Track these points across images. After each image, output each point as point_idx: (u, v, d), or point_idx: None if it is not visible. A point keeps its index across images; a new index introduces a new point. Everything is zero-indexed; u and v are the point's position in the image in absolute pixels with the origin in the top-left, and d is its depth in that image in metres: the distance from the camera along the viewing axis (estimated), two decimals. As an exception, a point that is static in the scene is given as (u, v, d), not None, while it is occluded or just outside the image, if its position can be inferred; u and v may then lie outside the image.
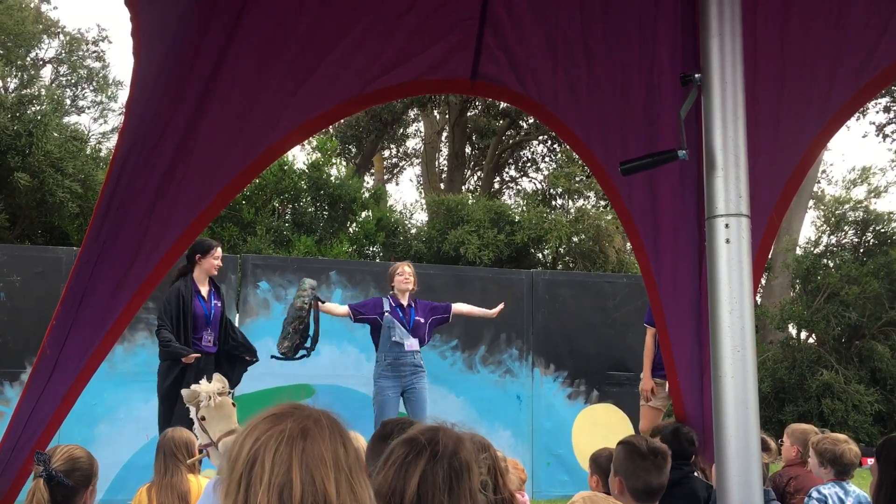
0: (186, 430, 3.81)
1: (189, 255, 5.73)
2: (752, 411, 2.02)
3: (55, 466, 2.57)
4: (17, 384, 6.43)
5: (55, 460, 2.59)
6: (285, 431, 1.17)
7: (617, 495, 2.84)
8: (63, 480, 2.55)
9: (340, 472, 1.16)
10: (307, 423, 1.19)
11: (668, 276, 3.68)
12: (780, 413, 13.62)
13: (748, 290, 2.07)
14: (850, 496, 3.83)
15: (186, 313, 5.63)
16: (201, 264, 5.74)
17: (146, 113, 2.67)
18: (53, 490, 2.53)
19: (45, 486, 2.52)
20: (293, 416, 1.20)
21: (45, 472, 2.53)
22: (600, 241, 14.44)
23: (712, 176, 2.12)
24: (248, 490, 1.13)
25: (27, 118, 12.35)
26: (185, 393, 2.53)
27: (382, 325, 6.12)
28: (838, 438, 4.04)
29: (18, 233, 12.51)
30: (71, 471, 2.60)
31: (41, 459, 2.55)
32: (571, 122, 3.49)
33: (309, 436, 1.17)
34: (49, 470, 2.54)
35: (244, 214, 12.23)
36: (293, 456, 1.14)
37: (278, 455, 1.14)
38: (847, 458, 3.91)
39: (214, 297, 5.88)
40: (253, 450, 1.16)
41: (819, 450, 4.00)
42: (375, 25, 3.02)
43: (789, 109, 3.23)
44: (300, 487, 1.12)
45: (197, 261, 5.74)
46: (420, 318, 6.32)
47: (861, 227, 15.80)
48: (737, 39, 2.16)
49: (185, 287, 5.66)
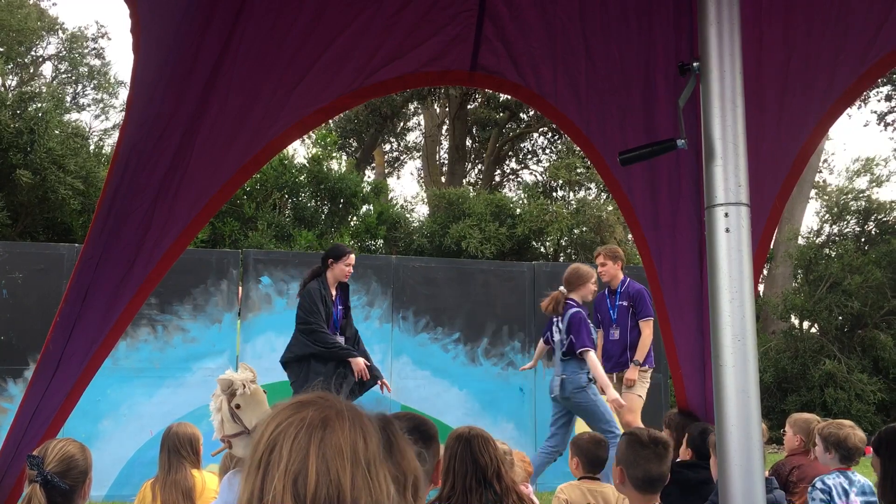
0: (191, 425, 3.81)
1: (322, 258, 5.84)
2: (753, 400, 2.01)
3: (50, 469, 2.46)
4: (20, 381, 6.45)
5: (49, 462, 2.49)
6: (306, 419, 1.16)
7: (618, 485, 2.85)
8: (60, 484, 2.45)
9: (357, 466, 1.15)
10: (329, 413, 1.18)
11: (669, 266, 3.68)
12: (782, 403, 13.62)
13: (748, 279, 2.06)
14: (855, 486, 3.80)
15: (328, 315, 5.71)
16: (333, 269, 5.81)
17: (148, 110, 2.67)
18: (51, 493, 2.43)
19: (42, 492, 2.41)
20: (316, 405, 1.19)
21: (41, 477, 2.42)
22: (601, 233, 14.43)
23: (711, 165, 2.12)
24: (265, 474, 1.13)
25: (28, 115, 12.35)
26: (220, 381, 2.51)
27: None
28: (843, 423, 4.02)
29: (20, 230, 12.52)
30: (66, 471, 2.50)
31: (35, 463, 2.44)
32: (571, 113, 3.49)
33: (329, 426, 1.16)
34: (44, 474, 2.43)
35: (245, 209, 12.24)
36: (311, 444, 1.14)
37: (296, 442, 1.14)
38: (851, 441, 3.88)
39: (339, 302, 5.96)
40: (273, 435, 1.16)
41: (823, 434, 3.99)
42: (374, 19, 3.02)
43: (791, 97, 3.22)
44: (315, 477, 1.11)
45: (329, 265, 5.80)
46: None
47: (863, 217, 15.78)
48: (735, 27, 2.15)
49: (323, 288, 5.72)
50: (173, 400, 6.67)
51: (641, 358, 6.40)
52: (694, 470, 3.53)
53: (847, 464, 3.90)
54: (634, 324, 6.52)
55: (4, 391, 6.51)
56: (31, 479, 2.45)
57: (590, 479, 3.58)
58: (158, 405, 6.63)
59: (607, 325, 6.66)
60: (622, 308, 6.59)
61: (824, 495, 3.74)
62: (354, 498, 1.13)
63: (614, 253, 6.71)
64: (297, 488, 1.11)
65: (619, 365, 6.53)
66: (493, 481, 2.73)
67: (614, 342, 6.60)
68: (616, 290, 6.65)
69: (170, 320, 6.86)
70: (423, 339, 7.52)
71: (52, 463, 2.49)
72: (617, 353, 6.57)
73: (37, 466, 2.45)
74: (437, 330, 7.53)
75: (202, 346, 6.90)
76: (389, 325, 7.59)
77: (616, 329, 6.58)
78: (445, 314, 7.61)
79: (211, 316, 6.95)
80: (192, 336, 6.90)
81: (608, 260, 6.64)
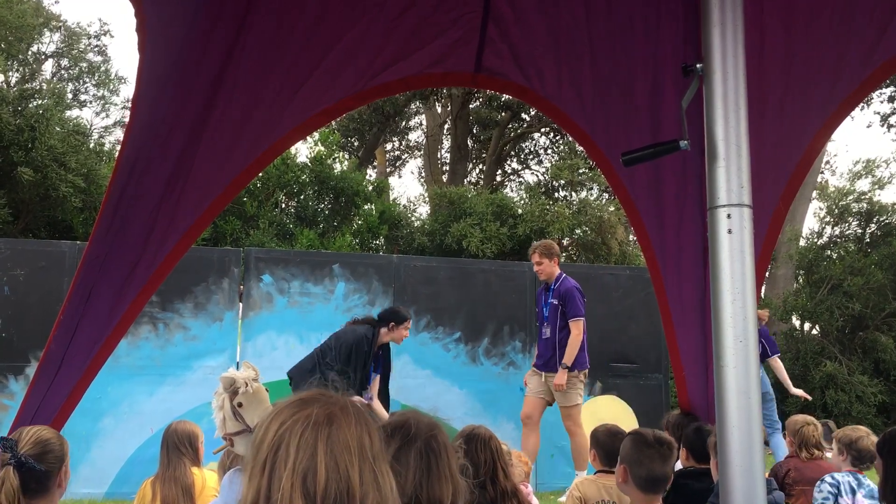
0: (192, 423, 3.82)
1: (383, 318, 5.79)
2: (755, 402, 2.02)
3: (24, 451, 2.38)
4: (21, 378, 6.46)
5: (23, 445, 2.41)
6: (311, 417, 1.16)
7: (621, 484, 2.85)
8: (35, 466, 2.36)
9: (365, 461, 1.15)
10: (333, 409, 1.18)
11: (672, 267, 3.68)
12: (782, 404, 13.60)
13: (750, 280, 2.07)
14: (864, 487, 3.88)
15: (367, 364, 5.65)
16: (392, 331, 5.80)
17: (154, 111, 2.67)
18: (25, 477, 2.34)
19: (16, 474, 2.33)
20: (319, 402, 1.19)
21: (15, 459, 2.34)
22: (603, 234, 14.41)
23: (714, 166, 2.12)
24: (272, 474, 1.13)
25: (29, 112, 12.35)
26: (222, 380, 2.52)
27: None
28: (858, 428, 4.15)
29: (22, 227, 12.52)
30: (42, 454, 2.41)
31: (7, 446, 2.36)
32: (575, 114, 3.49)
33: (335, 422, 1.16)
34: (18, 456, 2.35)
35: (247, 208, 12.24)
36: (318, 441, 1.13)
37: (303, 440, 1.13)
38: (863, 444, 3.99)
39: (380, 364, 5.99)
40: (278, 434, 1.15)
41: (838, 437, 4.11)
42: (378, 21, 3.02)
43: (794, 99, 3.22)
44: (325, 474, 1.11)
45: (391, 328, 5.78)
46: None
47: (865, 218, 15.78)
48: (738, 28, 2.15)
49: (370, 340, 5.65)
50: (174, 398, 6.68)
51: (569, 361, 6.15)
52: (697, 479, 3.49)
53: (858, 466, 3.96)
54: (564, 323, 6.29)
55: (6, 388, 6.51)
56: (5, 463, 2.36)
57: (606, 472, 3.53)
58: (159, 403, 6.64)
59: (540, 322, 6.51)
60: (553, 306, 6.37)
61: (832, 489, 3.81)
62: (363, 493, 1.12)
63: (549, 249, 6.51)
64: (306, 486, 1.10)
65: (549, 367, 6.32)
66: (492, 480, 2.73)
67: (545, 341, 6.40)
68: (550, 287, 6.45)
69: (171, 318, 6.86)
70: (423, 338, 7.52)
71: (26, 446, 2.42)
72: (548, 353, 6.36)
73: (10, 449, 2.37)
74: (438, 329, 7.53)
75: (203, 344, 6.90)
76: (390, 324, 7.59)
77: (547, 327, 6.38)
78: (446, 313, 7.62)
79: (212, 314, 6.96)
80: (193, 334, 6.91)
81: (544, 258, 6.44)
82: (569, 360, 6.14)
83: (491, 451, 2.77)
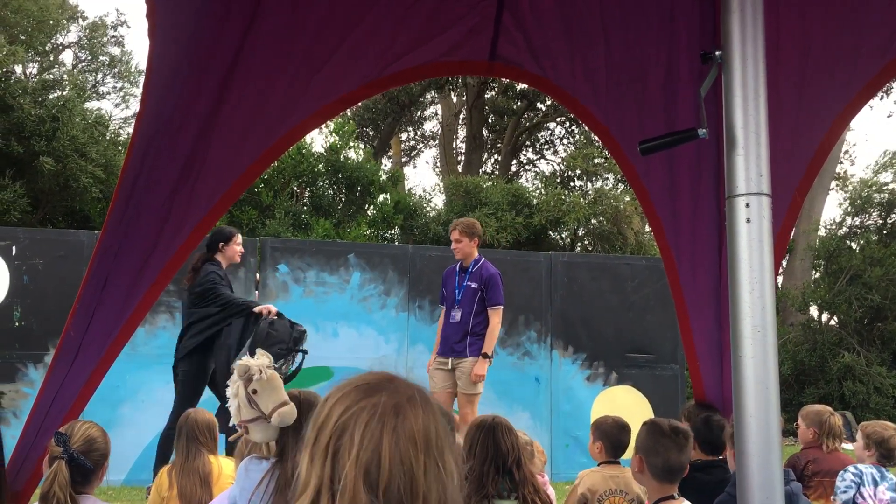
0: (208, 411, 3.84)
1: (210, 244, 5.75)
2: (773, 392, 2.00)
3: (75, 447, 2.57)
4: (40, 366, 6.52)
5: (74, 440, 2.59)
6: (378, 406, 1.12)
7: (636, 474, 2.84)
8: (84, 462, 2.55)
9: (430, 456, 1.11)
10: (401, 399, 1.14)
11: (687, 257, 3.66)
12: (800, 395, 13.53)
13: (769, 270, 2.05)
14: (887, 480, 3.93)
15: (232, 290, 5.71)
16: (224, 252, 5.78)
17: (166, 99, 2.66)
18: (73, 471, 2.53)
19: (67, 468, 2.51)
20: (387, 391, 1.15)
21: (67, 454, 2.53)
22: (619, 223, 14.36)
23: (733, 154, 2.10)
24: (335, 461, 1.09)
25: (50, 103, 12.44)
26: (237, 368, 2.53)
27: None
28: (888, 425, 4.17)
29: (41, 217, 12.64)
30: (88, 451, 2.61)
31: (61, 440, 2.55)
32: (590, 103, 3.46)
33: (401, 413, 1.12)
34: (70, 451, 2.54)
35: (263, 198, 12.28)
36: (384, 433, 1.09)
37: (368, 430, 1.09)
38: (892, 443, 4.01)
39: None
40: (342, 420, 1.11)
41: (867, 431, 4.12)
42: (393, 9, 3.00)
43: (812, 88, 3.18)
44: (388, 468, 1.08)
45: (220, 249, 5.78)
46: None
47: (886, 210, 15.62)
48: (758, 15, 2.12)
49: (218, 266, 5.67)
50: (191, 386, 6.70)
51: (490, 350, 5.95)
52: (706, 471, 3.47)
53: (884, 463, 3.99)
54: (481, 309, 6.02)
55: (25, 376, 6.59)
56: (56, 456, 2.53)
57: (611, 463, 3.54)
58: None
59: (450, 305, 6.14)
60: (470, 289, 6.05)
61: (855, 478, 3.84)
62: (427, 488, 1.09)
63: (471, 228, 6.17)
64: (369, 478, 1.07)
65: (456, 352, 6.01)
66: (511, 469, 2.75)
67: (454, 324, 6.05)
68: (467, 269, 6.12)
69: (188, 308, 6.89)
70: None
71: (77, 442, 2.59)
72: (456, 337, 6.03)
73: (63, 444, 2.53)
74: (454, 319, 7.53)
75: (220, 333, 6.92)
76: (406, 313, 7.61)
77: (458, 310, 6.05)
78: (461, 304, 7.60)
79: (228, 304, 6.97)
80: (210, 323, 6.92)
81: (464, 237, 6.09)
82: (490, 349, 5.96)
83: (513, 439, 2.80)
